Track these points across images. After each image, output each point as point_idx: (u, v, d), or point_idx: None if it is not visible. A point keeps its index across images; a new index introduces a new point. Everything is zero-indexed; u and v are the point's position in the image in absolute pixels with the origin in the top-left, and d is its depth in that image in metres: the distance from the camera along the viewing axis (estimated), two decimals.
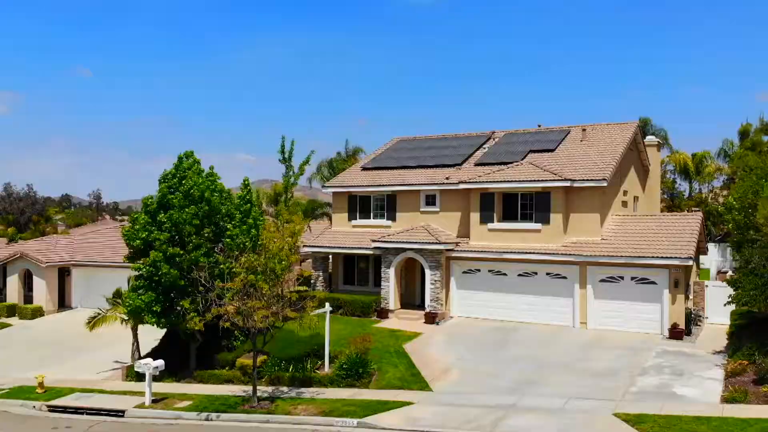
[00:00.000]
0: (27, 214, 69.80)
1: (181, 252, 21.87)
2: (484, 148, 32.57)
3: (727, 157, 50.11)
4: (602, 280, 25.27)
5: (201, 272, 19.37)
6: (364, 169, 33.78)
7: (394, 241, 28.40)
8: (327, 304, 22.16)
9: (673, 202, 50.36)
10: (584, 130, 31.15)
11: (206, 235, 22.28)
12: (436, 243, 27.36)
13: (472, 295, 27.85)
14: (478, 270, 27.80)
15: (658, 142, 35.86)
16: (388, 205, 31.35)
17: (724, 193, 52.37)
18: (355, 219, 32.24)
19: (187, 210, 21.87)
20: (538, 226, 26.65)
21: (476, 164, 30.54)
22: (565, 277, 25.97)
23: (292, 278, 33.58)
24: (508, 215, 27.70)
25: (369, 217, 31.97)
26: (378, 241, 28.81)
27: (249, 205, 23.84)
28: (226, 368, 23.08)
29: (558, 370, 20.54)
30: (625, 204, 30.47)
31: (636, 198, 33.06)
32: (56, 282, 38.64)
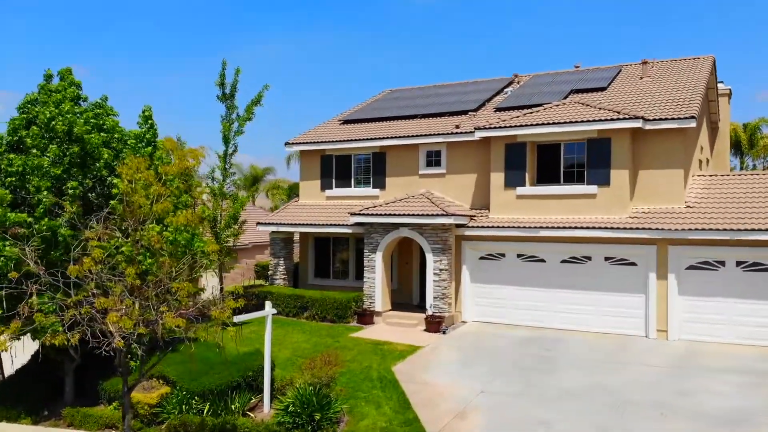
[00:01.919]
0: None
1: (29, 220, 13.48)
2: (506, 93, 24.17)
3: None
4: (691, 267, 16.94)
5: (25, 249, 11.00)
6: (344, 122, 25.30)
7: (381, 214, 19.98)
8: (268, 304, 13.77)
9: None
10: (645, 63, 22.75)
11: (72, 192, 13.85)
12: (442, 215, 18.98)
13: (493, 291, 19.50)
14: (503, 255, 19.44)
15: (729, 90, 27.43)
16: (375, 168, 22.88)
17: None
18: (330, 188, 23.76)
19: (33, 153, 13.46)
20: (593, 189, 18.24)
21: (497, 109, 22.14)
22: (633, 264, 17.61)
23: (229, 267, 25.15)
24: (547, 175, 19.32)
25: (349, 185, 23.48)
26: (359, 213, 20.41)
27: (151, 147, 15.36)
28: (114, 404, 14.73)
29: (650, 414, 12.20)
30: (700, 164, 22.15)
31: (707, 161, 24.72)
32: None
